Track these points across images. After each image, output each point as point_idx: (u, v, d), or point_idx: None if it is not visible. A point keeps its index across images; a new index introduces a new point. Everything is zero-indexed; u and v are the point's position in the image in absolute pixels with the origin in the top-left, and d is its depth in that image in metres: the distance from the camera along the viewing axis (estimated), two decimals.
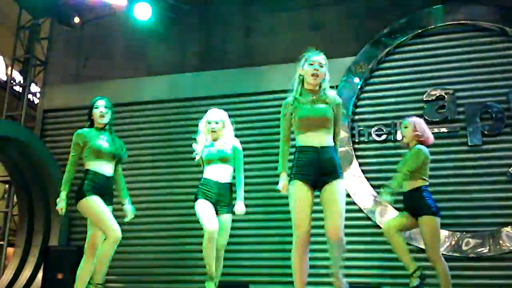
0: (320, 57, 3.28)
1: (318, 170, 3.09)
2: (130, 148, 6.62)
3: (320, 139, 3.14)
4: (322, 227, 3.12)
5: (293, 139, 3.36)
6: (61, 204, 3.92)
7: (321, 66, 3.25)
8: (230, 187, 4.25)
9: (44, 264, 5.99)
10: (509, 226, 5.12)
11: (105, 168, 4.02)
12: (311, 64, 3.25)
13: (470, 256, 5.16)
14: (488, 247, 5.11)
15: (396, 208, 5.42)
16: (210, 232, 3.92)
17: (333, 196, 3.06)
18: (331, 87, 5.85)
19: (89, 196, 3.86)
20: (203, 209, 4.07)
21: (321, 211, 3.18)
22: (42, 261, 6.13)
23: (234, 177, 4.27)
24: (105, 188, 3.99)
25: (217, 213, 4.08)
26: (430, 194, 4.30)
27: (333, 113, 3.22)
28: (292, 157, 3.28)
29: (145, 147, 6.58)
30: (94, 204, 3.81)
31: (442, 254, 5.18)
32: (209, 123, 4.28)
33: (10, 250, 6.98)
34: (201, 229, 4.02)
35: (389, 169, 5.63)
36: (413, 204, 4.26)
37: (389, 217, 5.38)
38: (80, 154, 3.99)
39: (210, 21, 7.12)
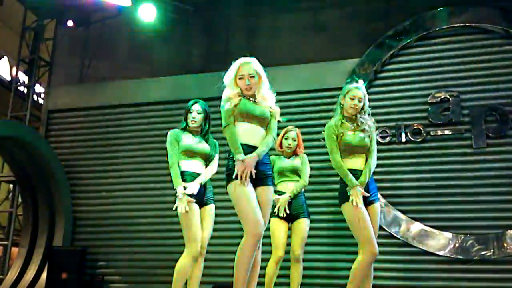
0: (360, 92, 3.59)
1: (367, 191, 3.47)
2: (135, 149, 6.70)
3: (362, 163, 3.53)
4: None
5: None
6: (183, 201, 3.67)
7: (360, 101, 3.57)
8: None
9: (48, 264, 6.02)
10: None
11: (198, 167, 3.88)
12: (352, 99, 3.57)
13: (474, 258, 5.14)
14: (492, 250, 5.10)
15: None
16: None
17: (375, 217, 3.51)
18: (335, 88, 5.98)
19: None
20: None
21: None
22: (46, 261, 6.16)
23: None
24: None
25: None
26: None
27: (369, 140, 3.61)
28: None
29: (150, 148, 6.59)
30: (189, 212, 3.69)
31: (446, 256, 5.20)
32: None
33: (15, 250, 7.00)
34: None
35: (393, 171, 5.64)
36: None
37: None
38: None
39: (214, 23, 7.14)
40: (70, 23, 7.40)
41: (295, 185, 4.34)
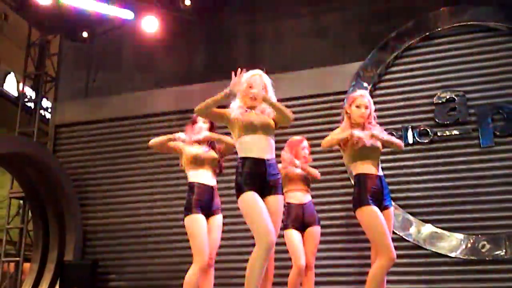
0: (365, 100, 3.59)
1: (382, 196, 3.47)
2: (143, 161, 6.71)
3: (375, 168, 3.51)
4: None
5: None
6: None
7: (367, 108, 3.58)
8: None
9: (60, 279, 6.03)
10: None
11: (206, 177, 3.91)
12: (358, 107, 3.57)
13: (486, 259, 5.09)
14: (504, 250, 5.04)
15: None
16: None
17: (390, 222, 3.49)
18: (340, 92, 5.97)
19: (194, 215, 3.76)
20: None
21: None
22: (58, 276, 6.18)
23: None
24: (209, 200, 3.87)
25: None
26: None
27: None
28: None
29: (157, 159, 6.60)
30: (196, 223, 3.74)
31: (459, 257, 5.16)
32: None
33: (26, 265, 7.04)
34: None
35: (401, 173, 5.61)
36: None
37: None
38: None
39: (216, 32, 7.16)
40: (85, 34, 7.45)
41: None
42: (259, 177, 3.03)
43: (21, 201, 7.54)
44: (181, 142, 3.99)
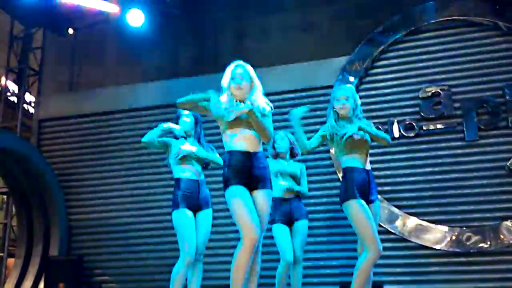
0: (343, 92, 3.64)
1: (369, 190, 3.49)
2: (128, 155, 6.67)
3: (362, 161, 3.52)
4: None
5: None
6: None
7: (347, 100, 3.60)
8: None
9: (45, 274, 5.97)
10: (509, 220, 5.12)
11: (193, 172, 3.92)
12: (338, 100, 3.62)
13: (471, 251, 5.16)
14: (488, 242, 5.11)
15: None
16: None
17: (376, 216, 3.52)
18: (326, 87, 5.98)
19: (180, 209, 3.78)
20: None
21: None
22: (43, 271, 6.11)
23: None
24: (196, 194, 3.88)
25: None
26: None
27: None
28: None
29: (143, 153, 6.56)
30: (182, 218, 3.76)
31: (443, 250, 5.22)
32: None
33: (11, 261, 6.95)
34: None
35: (387, 167, 5.65)
36: None
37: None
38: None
39: (202, 25, 7.12)
40: (70, 31, 7.35)
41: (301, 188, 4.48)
42: (245, 171, 3.00)
43: (5, 196, 7.44)
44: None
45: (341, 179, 3.59)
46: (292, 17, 6.76)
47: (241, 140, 3.05)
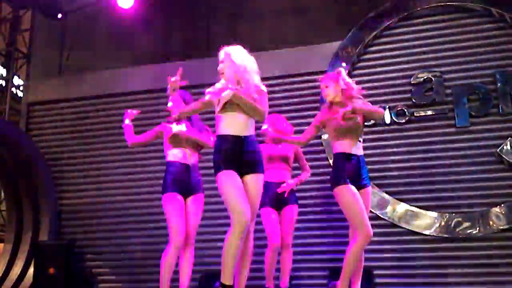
0: (323, 82, 3.72)
1: (359, 175, 3.52)
2: (119, 140, 6.60)
3: (353, 147, 3.55)
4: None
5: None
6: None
7: (326, 88, 3.67)
8: None
9: (35, 260, 5.94)
10: (498, 206, 5.16)
11: (184, 156, 3.92)
12: (327, 87, 3.69)
13: (460, 237, 5.21)
14: (477, 228, 5.16)
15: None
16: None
17: (367, 201, 3.55)
18: (318, 72, 5.95)
19: (170, 193, 3.78)
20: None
21: None
22: (33, 256, 6.09)
23: None
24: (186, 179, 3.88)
25: None
26: None
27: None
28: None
29: None
30: (172, 202, 3.78)
31: (433, 235, 5.26)
32: None
33: (0, 246, 6.91)
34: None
35: (378, 153, 5.66)
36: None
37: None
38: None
39: (195, 8, 7.04)
40: (59, 15, 7.23)
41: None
42: (236, 155, 3.00)
43: None
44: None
45: (332, 164, 3.58)
46: (285, 1, 6.70)
47: (233, 125, 3.03)
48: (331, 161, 5.44)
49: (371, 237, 3.37)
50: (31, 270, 6.02)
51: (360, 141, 3.61)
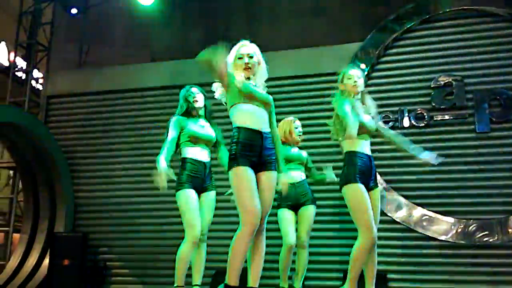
0: (355, 71, 3.68)
1: (370, 176, 3.51)
2: (135, 135, 6.65)
3: (368, 146, 3.57)
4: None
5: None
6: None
7: (359, 78, 3.64)
8: None
9: (50, 250, 6.01)
10: None
11: (202, 154, 3.92)
12: (349, 79, 3.63)
13: (477, 244, 5.13)
14: (496, 235, 5.08)
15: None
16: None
17: (376, 202, 3.51)
18: (337, 73, 5.91)
19: (186, 189, 3.77)
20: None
21: None
22: (48, 247, 6.15)
23: None
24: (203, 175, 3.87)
25: None
26: None
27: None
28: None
29: (148, 134, 6.53)
30: (186, 198, 3.76)
31: (449, 241, 5.19)
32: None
33: (16, 236, 7.00)
34: None
35: (396, 156, 5.60)
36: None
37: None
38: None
39: (214, 7, 7.04)
40: (74, 10, 7.30)
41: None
42: (255, 149, 2.92)
43: (11, 172, 7.46)
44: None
45: (343, 162, 3.51)
46: (304, 2, 6.68)
47: (252, 117, 2.97)
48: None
49: (375, 240, 3.31)
50: (46, 261, 6.10)
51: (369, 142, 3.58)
